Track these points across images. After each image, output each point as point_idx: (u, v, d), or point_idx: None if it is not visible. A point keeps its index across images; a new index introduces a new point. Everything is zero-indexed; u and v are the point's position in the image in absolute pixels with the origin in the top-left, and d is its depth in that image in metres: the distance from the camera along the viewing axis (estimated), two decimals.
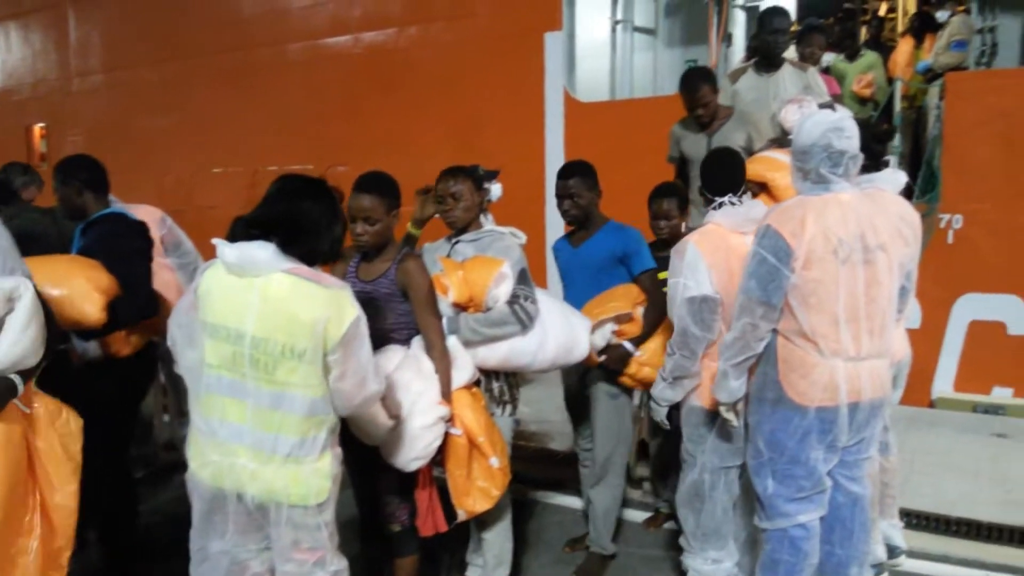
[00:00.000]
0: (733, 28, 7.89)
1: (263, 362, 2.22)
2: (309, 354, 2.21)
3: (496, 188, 3.33)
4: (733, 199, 3.12)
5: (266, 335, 2.21)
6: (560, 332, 3.18)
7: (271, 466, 2.26)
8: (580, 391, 3.71)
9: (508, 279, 3.05)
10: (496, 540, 3.27)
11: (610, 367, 3.48)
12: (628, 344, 3.46)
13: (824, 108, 3.06)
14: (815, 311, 2.64)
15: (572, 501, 4.28)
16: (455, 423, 2.86)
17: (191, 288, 2.38)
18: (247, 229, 2.26)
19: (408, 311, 2.89)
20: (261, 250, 2.22)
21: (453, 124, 7.42)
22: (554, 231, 3.83)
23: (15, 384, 2.21)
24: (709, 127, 4.34)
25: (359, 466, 2.90)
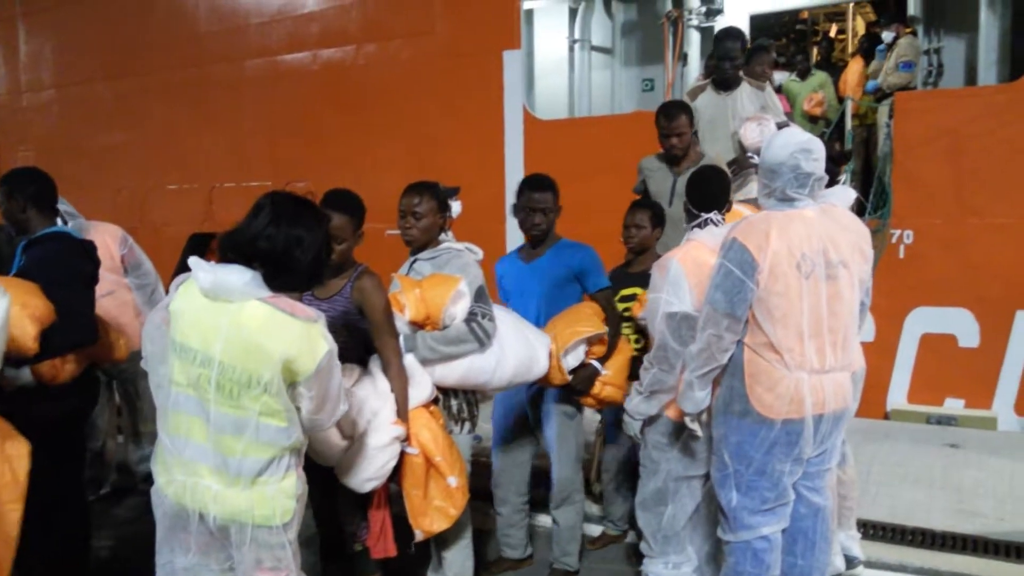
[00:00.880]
0: (688, 48, 8.01)
1: (228, 388, 2.17)
2: (275, 386, 2.17)
3: (456, 205, 3.33)
4: (718, 216, 3.14)
5: (233, 362, 2.16)
6: (519, 350, 3.17)
7: (235, 488, 2.22)
8: (528, 409, 3.71)
9: (465, 297, 3.04)
10: (456, 559, 3.24)
11: (579, 387, 3.48)
12: (596, 363, 3.46)
13: (781, 127, 3.14)
14: (780, 325, 2.68)
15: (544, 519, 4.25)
16: (412, 442, 2.83)
17: (163, 303, 2.32)
18: (225, 253, 2.20)
19: (364, 329, 2.86)
20: (237, 276, 2.16)
21: (412, 141, 7.40)
22: (515, 247, 3.83)
23: None
24: (678, 165, 4.25)
25: (320, 485, 2.85)
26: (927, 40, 7.78)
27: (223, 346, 2.16)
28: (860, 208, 5.65)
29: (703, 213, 3.15)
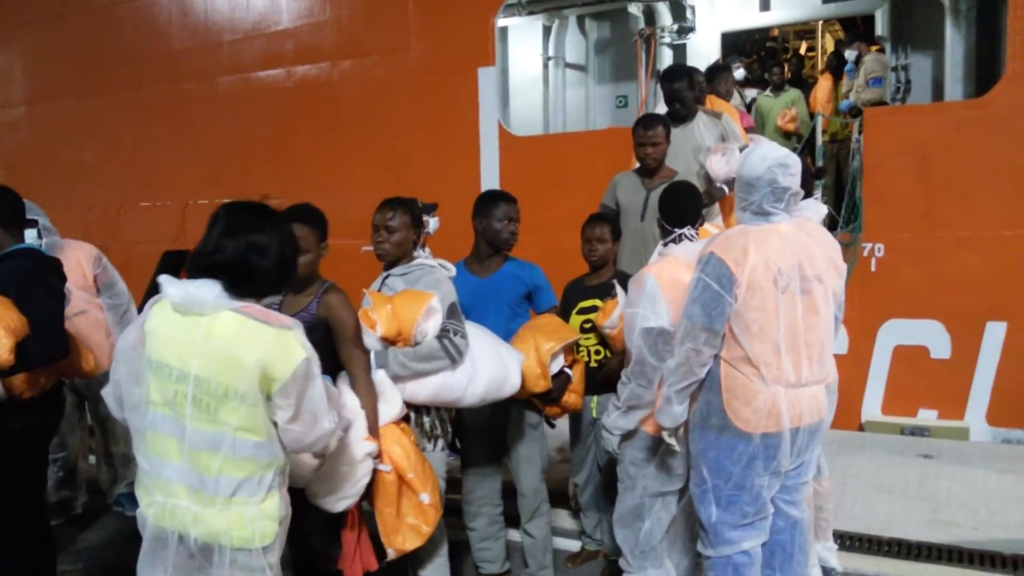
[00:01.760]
0: (661, 65, 8.09)
1: (205, 402, 2.14)
2: (251, 397, 2.14)
3: (433, 221, 3.33)
4: (692, 232, 3.16)
5: (208, 376, 2.14)
6: (491, 366, 3.15)
7: (213, 508, 2.18)
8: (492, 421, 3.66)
9: (437, 313, 3.03)
10: None
11: (554, 395, 3.49)
12: (568, 371, 3.49)
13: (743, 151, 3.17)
14: (757, 339, 2.69)
15: (512, 534, 4.23)
16: (383, 459, 2.80)
17: (137, 323, 2.29)
18: (192, 272, 2.18)
19: (332, 346, 2.83)
20: (207, 289, 2.15)
21: (388, 158, 7.41)
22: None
23: None
24: (651, 180, 4.26)
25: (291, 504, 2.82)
26: (895, 57, 7.92)
27: (198, 360, 2.14)
28: (832, 222, 5.72)
29: (676, 228, 3.16)
